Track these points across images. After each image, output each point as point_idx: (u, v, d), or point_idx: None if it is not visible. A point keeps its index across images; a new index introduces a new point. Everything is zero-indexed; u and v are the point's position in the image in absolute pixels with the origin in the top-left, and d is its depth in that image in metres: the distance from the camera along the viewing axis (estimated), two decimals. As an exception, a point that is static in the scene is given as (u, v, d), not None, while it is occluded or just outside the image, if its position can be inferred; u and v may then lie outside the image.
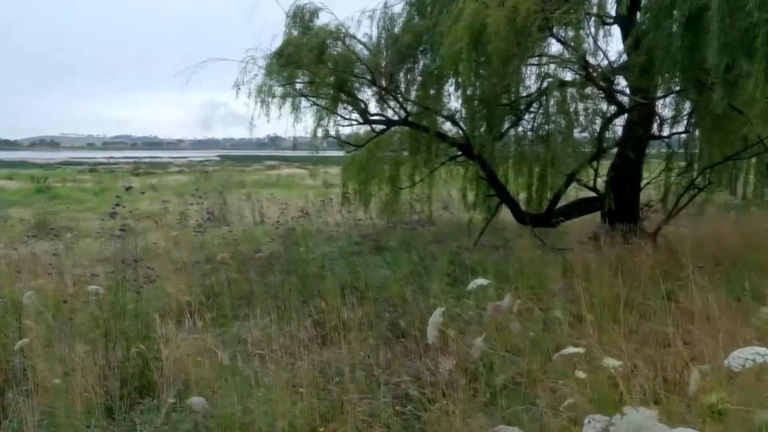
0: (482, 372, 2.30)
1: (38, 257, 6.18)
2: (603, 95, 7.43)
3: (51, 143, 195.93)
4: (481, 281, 1.92)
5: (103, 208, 17.10)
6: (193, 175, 35.27)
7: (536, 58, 9.08)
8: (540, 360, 2.72)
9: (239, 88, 7.46)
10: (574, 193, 11.23)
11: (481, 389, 2.76)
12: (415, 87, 9.02)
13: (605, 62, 7.47)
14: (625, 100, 7.92)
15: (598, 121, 8.17)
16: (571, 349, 1.70)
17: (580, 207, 9.46)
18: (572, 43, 6.61)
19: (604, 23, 8.08)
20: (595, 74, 6.66)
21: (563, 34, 6.79)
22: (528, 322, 3.24)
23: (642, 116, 7.98)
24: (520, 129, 11.23)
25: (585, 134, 9.88)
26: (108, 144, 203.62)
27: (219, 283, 5.34)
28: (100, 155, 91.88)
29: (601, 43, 7.71)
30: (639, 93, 6.69)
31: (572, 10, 6.41)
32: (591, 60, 6.87)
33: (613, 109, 7.94)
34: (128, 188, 4.60)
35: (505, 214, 12.64)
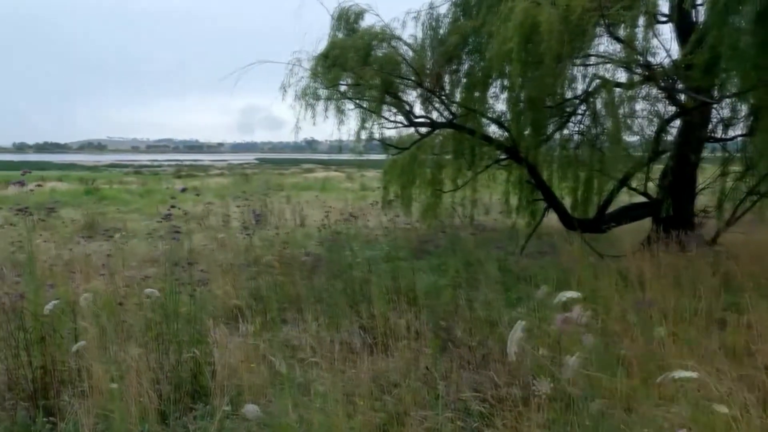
0: (569, 394, 2.08)
1: (90, 258, 6.29)
2: (664, 95, 7.09)
3: (98, 146, 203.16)
4: (570, 294, 1.76)
5: (149, 209, 17.52)
6: (233, 178, 35.87)
7: (587, 57, 8.81)
8: (632, 381, 2.51)
9: (285, 91, 7.47)
10: (620, 198, 10.89)
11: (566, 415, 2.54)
12: (460, 89, 8.86)
13: (661, 61, 7.14)
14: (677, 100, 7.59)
15: (655, 123, 7.82)
16: (681, 373, 1.52)
17: (632, 212, 9.08)
18: (630, 42, 6.32)
19: (657, 21, 7.76)
20: (654, 74, 6.34)
21: (619, 32, 6.51)
22: (602, 335, 3.05)
23: (700, 118, 7.62)
24: (565, 132, 10.98)
25: (636, 137, 9.55)
26: (151, 147, 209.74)
27: (266, 286, 5.30)
28: (144, 158, 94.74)
29: (653, 41, 7.40)
30: (700, 93, 6.36)
31: (629, 7, 6.15)
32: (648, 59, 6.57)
33: (671, 110, 7.58)
34: (183, 190, 4.59)
35: (548, 219, 12.34)
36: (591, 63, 9.33)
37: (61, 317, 3.10)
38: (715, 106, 7.95)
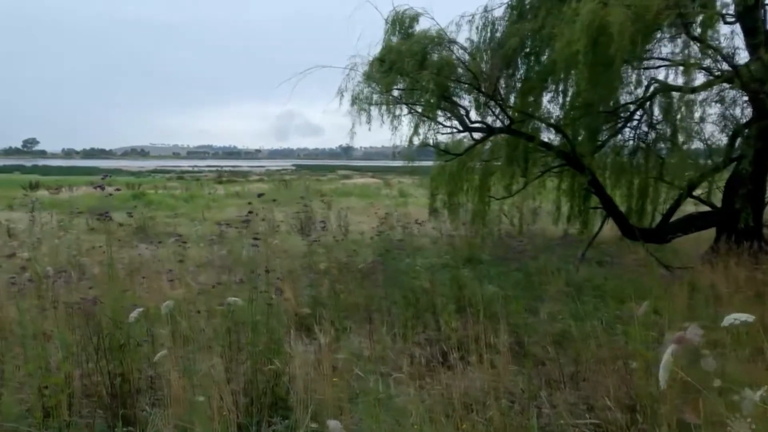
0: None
1: (149, 262, 6.32)
2: (746, 98, 6.70)
3: (141, 152, 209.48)
4: (744, 317, 1.55)
5: (195, 214, 17.78)
6: (272, 184, 36.27)
7: (652, 60, 8.47)
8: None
9: (342, 96, 7.39)
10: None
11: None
12: (515, 93, 8.63)
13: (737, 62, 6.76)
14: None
15: (728, 128, 7.41)
16: None
17: (698, 222, 8.64)
18: (704, 41, 5.99)
19: (725, 22, 7.38)
20: (740, 74, 5.97)
21: (695, 32, 6.18)
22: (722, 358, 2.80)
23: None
24: (620, 137, 10.59)
25: (702, 143, 9.11)
26: (191, 153, 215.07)
27: (328, 293, 5.19)
28: (184, 164, 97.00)
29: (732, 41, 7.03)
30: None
31: (704, 6, 5.84)
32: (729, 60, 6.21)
33: (748, 113, 7.18)
34: (260, 195, 4.52)
35: (598, 227, 11.91)
36: (656, 66, 8.98)
37: (136, 324, 3.04)
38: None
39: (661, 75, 9.21)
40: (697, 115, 7.71)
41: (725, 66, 7.03)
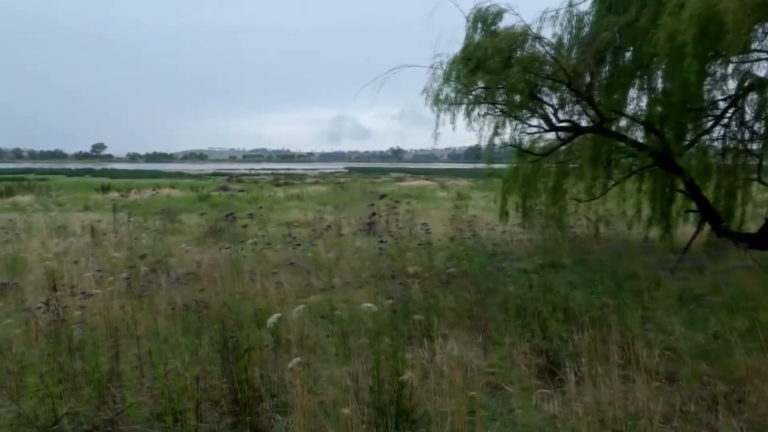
0: None
1: (236, 262, 6.33)
2: None
3: (200, 156, 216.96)
4: None
5: (261, 215, 18.05)
6: (329, 186, 36.62)
7: (751, 53, 7.90)
8: None
9: (428, 95, 7.22)
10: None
11: None
12: (601, 90, 8.23)
13: None
14: None
15: None
16: None
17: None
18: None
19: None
20: None
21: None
22: None
23: None
24: (708, 136, 9.98)
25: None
26: (247, 156, 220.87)
27: (424, 298, 5.02)
28: (241, 167, 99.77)
29: None
30: None
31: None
32: None
33: None
34: (382, 196, 4.41)
35: (680, 232, 11.25)
36: (752, 59, 8.38)
37: (258, 327, 2.96)
38: None
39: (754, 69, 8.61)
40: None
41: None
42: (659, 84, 7.66)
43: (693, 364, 3.43)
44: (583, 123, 7.93)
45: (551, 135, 8.43)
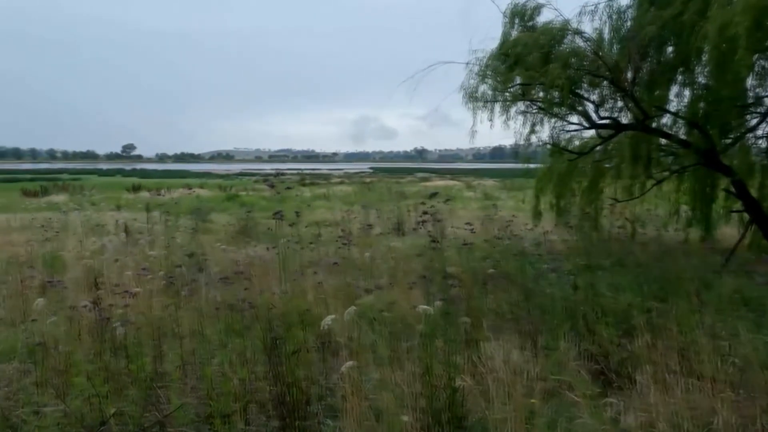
0: None
1: (270, 262, 6.30)
2: None
3: (227, 156, 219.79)
4: None
5: (290, 215, 18.06)
6: (354, 186, 36.60)
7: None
8: None
9: (465, 93, 7.08)
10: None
11: None
12: (642, 86, 7.97)
13: None
14: None
15: None
16: None
17: None
18: None
19: None
20: None
21: None
22: None
23: None
24: (751, 134, 9.61)
25: None
26: (273, 156, 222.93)
27: (466, 300, 4.89)
28: (266, 167, 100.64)
29: None
30: None
31: None
32: None
33: None
34: (433, 195, 4.31)
35: (721, 233, 10.85)
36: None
37: (306, 329, 2.87)
38: None
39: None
40: None
41: None
42: (704, 79, 7.36)
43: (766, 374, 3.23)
44: (624, 120, 7.68)
45: (588, 133, 8.19)
